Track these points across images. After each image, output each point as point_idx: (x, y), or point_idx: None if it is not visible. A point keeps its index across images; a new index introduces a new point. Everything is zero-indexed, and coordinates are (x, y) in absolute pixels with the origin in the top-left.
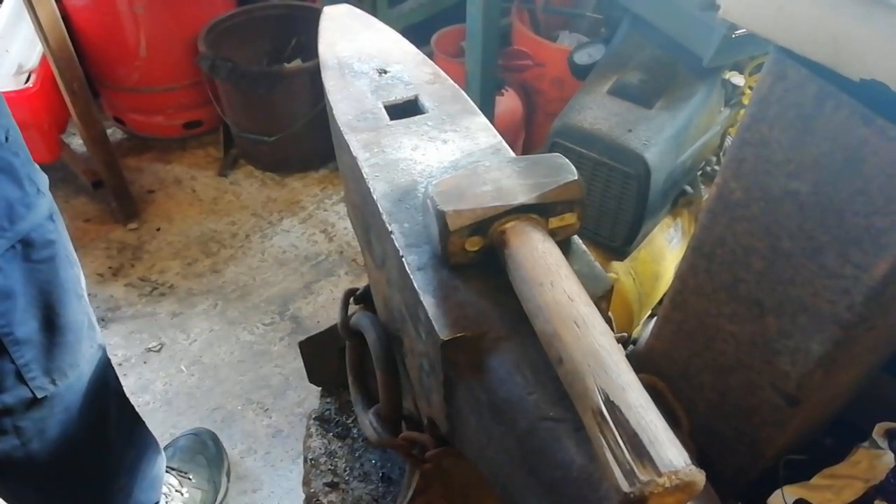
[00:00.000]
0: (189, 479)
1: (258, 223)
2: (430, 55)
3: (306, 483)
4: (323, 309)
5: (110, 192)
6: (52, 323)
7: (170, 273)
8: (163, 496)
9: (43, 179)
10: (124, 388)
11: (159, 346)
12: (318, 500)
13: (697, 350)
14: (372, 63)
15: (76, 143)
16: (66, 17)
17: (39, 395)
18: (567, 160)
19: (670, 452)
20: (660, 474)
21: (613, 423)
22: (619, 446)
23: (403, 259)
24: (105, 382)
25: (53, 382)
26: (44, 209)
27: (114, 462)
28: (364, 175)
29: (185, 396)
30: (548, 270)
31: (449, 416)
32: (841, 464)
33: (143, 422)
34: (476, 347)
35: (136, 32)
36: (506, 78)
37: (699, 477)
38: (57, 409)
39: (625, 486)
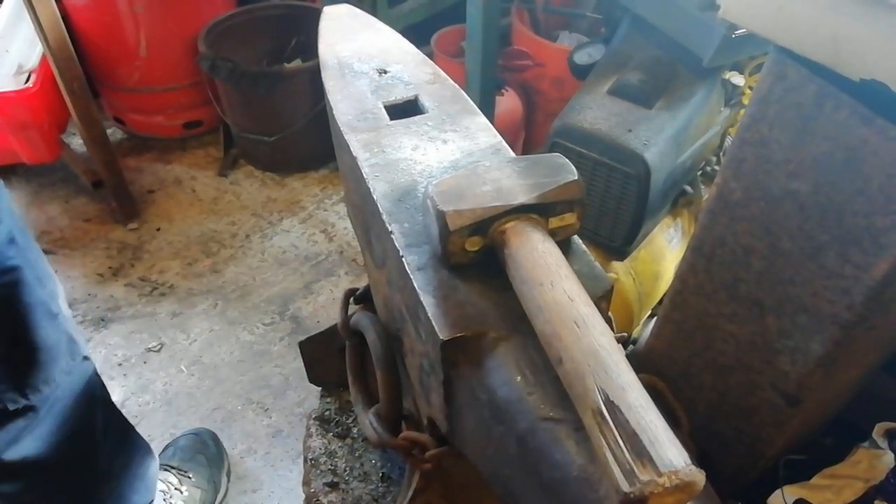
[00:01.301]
0: (189, 478)
1: (258, 223)
2: (430, 55)
3: (306, 483)
4: (323, 309)
5: (110, 192)
6: (18, 343)
7: (170, 273)
8: (162, 494)
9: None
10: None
11: (159, 346)
12: (318, 500)
13: (697, 350)
14: (372, 63)
15: (76, 143)
16: (66, 17)
17: (11, 407)
18: (567, 160)
19: (670, 452)
20: (660, 474)
21: (613, 423)
22: (619, 446)
23: (403, 259)
24: (91, 393)
25: (25, 397)
26: (1, 235)
27: (103, 470)
28: (364, 175)
29: (185, 396)
30: (548, 270)
31: (449, 416)
32: (841, 464)
33: (134, 428)
34: (476, 347)
35: (136, 32)
36: (506, 78)
37: (699, 477)
38: (34, 420)
39: (625, 486)
